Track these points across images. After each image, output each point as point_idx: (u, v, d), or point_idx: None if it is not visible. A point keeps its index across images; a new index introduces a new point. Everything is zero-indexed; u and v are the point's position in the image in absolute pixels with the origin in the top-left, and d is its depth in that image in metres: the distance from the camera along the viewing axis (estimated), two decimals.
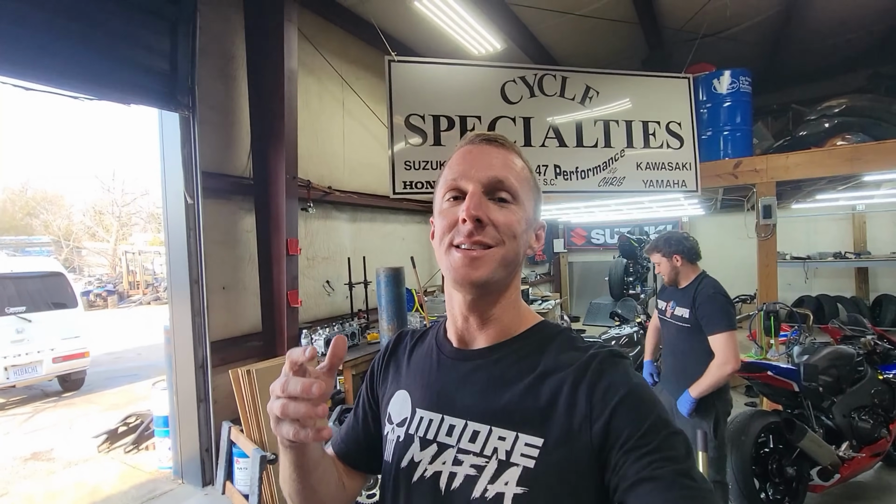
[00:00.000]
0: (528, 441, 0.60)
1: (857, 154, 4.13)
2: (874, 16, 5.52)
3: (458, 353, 0.72)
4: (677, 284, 2.59)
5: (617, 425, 0.56)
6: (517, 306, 0.72)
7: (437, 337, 0.78)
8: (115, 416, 4.70)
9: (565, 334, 0.70)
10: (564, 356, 0.65)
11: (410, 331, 0.86)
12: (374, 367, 0.85)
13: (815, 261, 8.12)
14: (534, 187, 0.72)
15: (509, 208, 0.66)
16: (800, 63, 6.83)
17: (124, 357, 8.67)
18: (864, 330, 3.58)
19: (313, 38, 4.32)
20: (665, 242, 2.61)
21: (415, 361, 0.79)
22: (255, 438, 2.92)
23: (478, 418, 0.65)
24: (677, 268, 2.56)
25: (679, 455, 0.53)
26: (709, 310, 2.37)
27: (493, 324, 0.70)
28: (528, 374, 0.64)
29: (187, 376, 3.28)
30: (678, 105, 4.21)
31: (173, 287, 3.37)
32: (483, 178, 0.66)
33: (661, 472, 0.51)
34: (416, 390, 0.74)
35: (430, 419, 0.69)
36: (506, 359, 0.68)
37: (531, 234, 0.72)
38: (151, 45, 2.97)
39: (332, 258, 4.63)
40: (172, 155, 3.26)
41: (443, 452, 0.66)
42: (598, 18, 4.97)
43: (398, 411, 0.75)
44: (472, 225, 0.63)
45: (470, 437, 0.64)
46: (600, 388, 0.59)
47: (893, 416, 3.13)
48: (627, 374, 0.61)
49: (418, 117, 3.67)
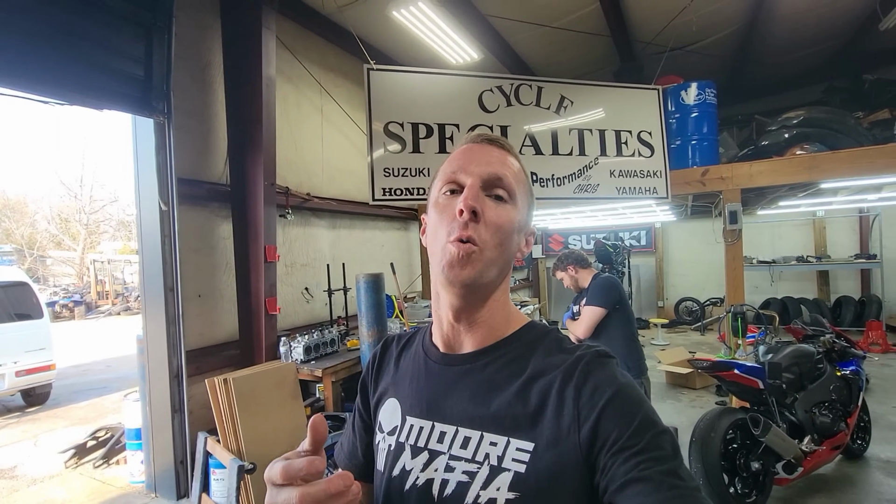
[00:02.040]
0: (519, 446, 0.60)
1: (814, 163, 4.37)
2: (827, 33, 5.86)
3: (445, 358, 0.72)
4: (582, 287, 3.06)
5: (604, 427, 0.56)
6: (505, 308, 0.71)
7: (423, 342, 0.77)
8: (84, 431, 4.54)
9: (552, 335, 0.70)
10: (552, 358, 0.65)
11: (396, 336, 0.85)
12: (364, 380, 0.84)
13: (780, 264, 8.48)
14: (529, 192, 0.72)
15: (504, 206, 0.66)
16: (761, 76, 7.18)
17: (92, 369, 8.36)
18: (823, 329, 3.77)
19: (291, 46, 4.33)
20: (558, 261, 3.18)
21: (403, 368, 0.78)
22: (233, 448, 2.88)
23: (468, 424, 0.65)
24: (575, 276, 3.09)
25: (666, 454, 0.53)
26: (591, 290, 2.95)
27: (481, 326, 0.69)
28: (517, 378, 0.64)
29: (161, 386, 3.21)
30: (649, 115, 4.37)
31: (147, 295, 3.30)
32: (482, 173, 0.66)
33: (648, 472, 0.51)
34: (405, 398, 0.74)
35: (421, 427, 0.69)
36: (494, 363, 0.67)
37: (522, 238, 0.71)
38: (126, 51, 2.93)
39: (311, 265, 4.61)
40: (147, 161, 3.21)
41: (434, 459, 0.65)
42: (572, 31, 5.13)
43: (388, 420, 0.74)
44: (469, 216, 0.63)
45: (461, 444, 0.64)
46: (587, 390, 0.59)
47: (851, 410, 3.30)
48: (614, 375, 0.61)
49: (397, 125, 3.71)
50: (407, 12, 3.87)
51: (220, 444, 2.93)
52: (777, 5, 4.99)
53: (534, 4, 4.69)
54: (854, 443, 3.49)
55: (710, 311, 9.21)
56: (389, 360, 0.81)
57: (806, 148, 4.59)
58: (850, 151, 4.31)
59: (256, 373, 3.14)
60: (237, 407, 2.89)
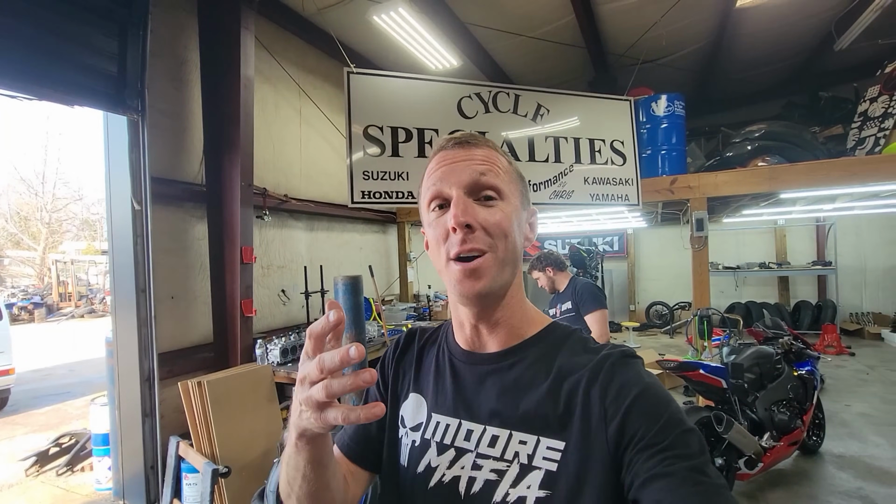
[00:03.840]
0: (550, 445, 0.60)
1: (774, 174, 4.61)
2: (787, 52, 6.19)
3: (471, 357, 0.71)
4: (558, 290, 3.18)
5: (631, 425, 0.56)
6: (523, 307, 0.72)
7: (447, 341, 0.77)
8: (46, 437, 4.37)
9: (576, 335, 0.70)
10: (578, 358, 0.65)
11: (419, 330, 0.85)
12: (383, 362, 0.83)
13: (744, 270, 8.85)
14: (516, 177, 0.71)
15: (497, 206, 0.65)
16: (726, 90, 7.51)
17: (54, 374, 8.01)
18: (782, 332, 3.97)
19: (270, 46, 4.30)
20: (537, 261, 3.25)
21: (427, 364, 0.78)
22: (206, 452, 2.83)
23: (497, 423, 0.65)
24: (552, 277, 3.19)
25: (692, 452, 0.53)
26: (585, 296, 3.02)
27: (502, 327, 0.69)
28: (544, 378, 0.64)
29: (131, 390, 3.13)
30: (621, 125, 4.52)
31: (118, 297, 3.21)
32: (464, 181, 0.65)
33: (673, 468, 0.51)
34: (430, 394, 0.73)
35: (448, 424, 0.69)
36: (520, 363, 0.67)
37: (524, 226, 0.71)
38: (99, 47, 2.87)
39: (288, 267, 4.57)
40: (119, 159, 3.14)
41: (461, 457, 0.65)
42: (549, 41, 5.27)
43: (412, 415, 0.74)
44: (463, 232, 0.62)
45: (489, 442, 0.64)
46: (613, 389, 0.59)
47: (806, 408, 3.49)
48: (639, 374, 0.61)
49: (377, 128, 3.74)
50: (387, 17, 3.90)
51: (193, 448, 2.88)
52: (741, 25, 5.25)
53: (512, 14, 4.80)
54: (810, 439, 3.69)
55: (678, 314, 9.52)
56: (413, 353, 0.81)
57: (767, 160, 4.84)
58: (807, 164, 4.57)
59: (231, 375, 3.10)
60: (211, 410, 2.85)
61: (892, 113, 4.78)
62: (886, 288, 8.48)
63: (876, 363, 6.48)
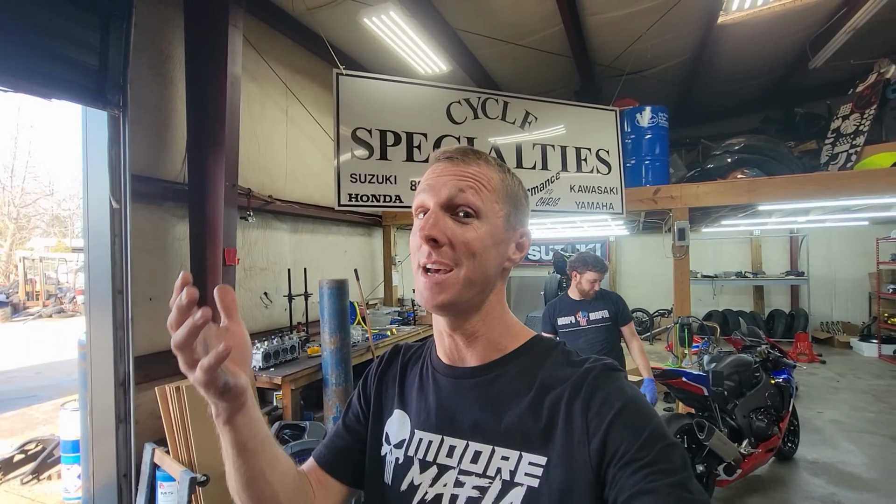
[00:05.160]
0: (532, 460, 0.59)
1: (753, 186, 4.74)
2: (765, 69, 6.40)
3: (452, 370, 0.71)
4: (589, 297, 3.06)
5: (613, 440, 0.55)
6: (503, 320, 0.70)
7: (430, 356, 0.76)
8: (10, 444, 4.17)
9: (560, 349, 0.69)
10: (560, 372, 0.64)
11: (404, 346, 0.84)
12: (366, 378, 0.83)
13: (721, 279, 9.07)
14: (505, 196, 0.68)
15: (470, 224, 0.64)
16: (706, 103, 7.72)
17: (20, 376, 7.68)
18: (759, 340, 4.07)
19: (257, 45, 4.24)
20: (598, 262, 3.06)
21: (410, 380, 0.77)
22: (184, 460, 2.75)
23: (479, 438, 0.64)
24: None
25: (675, 467, 0.53)
26: (622, 305, 3.11)
27: (480, 341, 0.68)
28: (527, 392, 0.64)
29: (105, 395, 3.01)
30: (607, 134, 4.60)
31: (92, 297, 3.10)
32: (442, 197, 0.64)
33: (656, 484, 0.51)
34: (413, 411, 0.73)
35: (430, 440, 0.68)
36: (503, 377, 0.67)
37: (507, 246, 0.69)
38: (80, 39, 2.77)
39: (271, 269, 4.49)
40: (98, 155, 3.03)
41: (444, 474, 0.65)
42: (537, 50, 5.32)
43: (396, 432, 0.73)
44: (429, 246, 0.62)
45: (472, 458, 0.63)
46: (595, 403, 0.58)
47: (783, 415, 3.58)
48: (622, 388, 0.60)
49: (365, 131, 3.72)
50: (378, 20, 3.89)
51: (169, 455, 2.79)
52: (722, 41, 5.40)
53: (501, 22, 4.84)
54: (785, 445, 3.78)
55: (658, 321, 9.69)
56: (395, 369, 0.80)
57: (746, 172, 4.98)
58: (784, 177, 4.72)
59: None
60: (190, 416, 2.77)
61: (863, 130, 4.98)
62: (855, 298, 8.80)
63: (845, 371, 6.70)
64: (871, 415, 4.91)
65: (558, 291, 6.97)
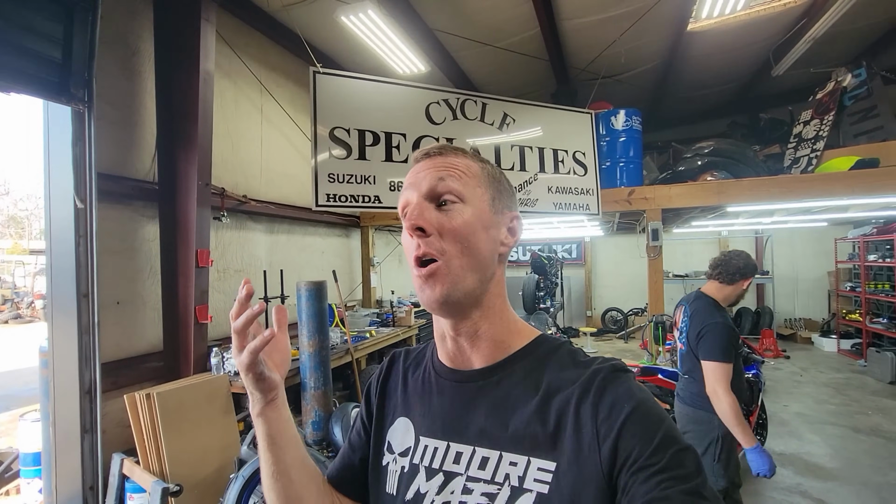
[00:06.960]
0: (541, 465, 0.57)
1: (722, 189, 4.91)
2: (730, 75, 6.65)
3: (456, 374, 0.69)
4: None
5: (624, 445, 0.53)
6: (506, 317, 0.69)
7: (433, 361, 0.74)
8: None
9: (565, 348, 0.67)
10: (567, 373, 0.62)
11: (403, 352, 0.82)
12: (369, 391, 0.82)
13: (692, 278, 9.34)
14: (487, 180, 0.68)
15: (454, 210, 0.63)
16: (677, 108, 7.95)
17: None
18: None
19: (231, 40, 4.13)
20: (748, 266, 2.42)
21: (412, 386, 0.75)
22: (155, 470, 2.64)
23: (486, 444, 0.62)
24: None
25: (689, 473, 0.51)
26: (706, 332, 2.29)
27: (484, 340, 0.67)
28: (533, 395, 0.62)
29: (70, 404, 2.86)
30: (583, 137, 4.68)
31: (56, 302, 2.95)
32: (423, 189, 0.64)
33: (669, 491, 0.49)
34: (417, 417, 0.71)
35: (436, 447, 0.66)
36: (508, 379, 0.65)
37: (498, 230, 0.68)
38: (42, 31, 2.64)
39: (246, 271, 4.38)
40: (61, 152, 2.89)
41: (451, 481, 0.63)
42: (514, 52, 5.37)
43: (400, 440, 0.71)
44: (417, 236, 0.62)
45: (479, 465, 0.62)
46: (604, 406, 0.57)
47: (752, 409, 3.71)
48: (631, 390, 0.58)
49: (343, 130, 3.68)
50: (356, 18, 3.84)
51: (139, 465, 2.68)
52: (691, 47, 5.58)
53: (479, 24, 4.87)
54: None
55: (632, 320, 9.91)
56: (397, 376, 0.79)
57: (715, 175, 5.15)
58: (751, 180, 4.90)
59: (184, 386, 2.91)
60: (161, 424, 2.66)
61: (823, 136, 5.23)
62: (816, 296, 9.22)
63: (808, 365, 7.01)
64: (832, 407, 5.14)
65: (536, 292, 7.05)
